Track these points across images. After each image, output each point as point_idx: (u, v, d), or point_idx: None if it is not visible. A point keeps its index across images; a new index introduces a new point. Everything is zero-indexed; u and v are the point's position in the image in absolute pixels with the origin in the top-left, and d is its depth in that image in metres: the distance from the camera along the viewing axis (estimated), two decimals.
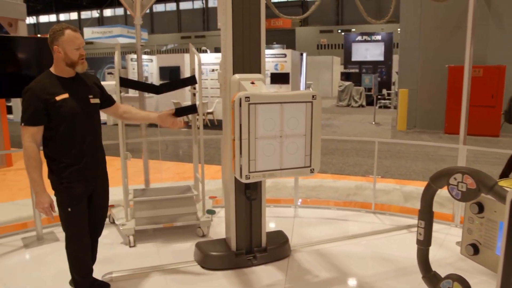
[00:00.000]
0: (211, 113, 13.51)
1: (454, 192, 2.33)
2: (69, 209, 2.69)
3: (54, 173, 2.69)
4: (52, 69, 2.68)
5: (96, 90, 2.84)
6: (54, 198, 2.70)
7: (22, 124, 2.55)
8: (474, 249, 3.06)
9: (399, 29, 14.11)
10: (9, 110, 14.23)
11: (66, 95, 2.61)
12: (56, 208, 2.71)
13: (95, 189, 2.85)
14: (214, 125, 13.32)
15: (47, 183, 2.68)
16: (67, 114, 2.60)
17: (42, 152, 2.69)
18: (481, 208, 2.99)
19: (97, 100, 2.81)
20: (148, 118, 3.23)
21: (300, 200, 5.30)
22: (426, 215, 2.53)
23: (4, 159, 7.64)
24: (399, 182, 6.63)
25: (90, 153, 2.75)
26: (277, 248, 3.70)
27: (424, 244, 2.56)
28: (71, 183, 2.67)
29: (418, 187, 6.23)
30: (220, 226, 4.37)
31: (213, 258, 3.54)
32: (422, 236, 2.54)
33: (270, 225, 4.51)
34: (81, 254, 2.83)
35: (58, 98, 2.58)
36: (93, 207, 2.88)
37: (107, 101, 2.98)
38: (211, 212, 4.33)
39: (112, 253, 3.81)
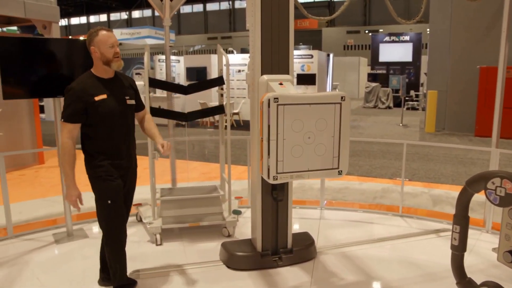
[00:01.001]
0: (237, 113, 13.57)
1: (491, 197, 2.26)
2: (109, 201, 2.77)
3: (92, 167, 2.80)
4: (92, 70, 2.82)
5: (132, 92, 2.96)
6: (85, 194, 2.78)
7: (62, 120, 2.70)
8: None
9: (428, 29, 13.83)
10: (41, 109, 14.67)
11: (104, 96, 2.75)
12: (84, 202, 2.80)
13: (126, 182, 2.96)
14: (240, 125, 13.37)
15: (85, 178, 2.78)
16: (105, 113, 2.74)
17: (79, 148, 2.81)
18: None
19: (133, 102, 2.93)
20: (153, 137, 3.09)
21: (325, 201, 5.26)
22: (462, 220, 2.46)
23: (37, 156, 7.88)
24: (427, 185, 6.50)
25: (125, 150, 2.88)
26: (303, 250, 3.68)
27: (459, 250, 2.50)
28: (109, 176, 2.78)
29: (447, 190, 6.09)
30: (245, 227, 4.38)
31: (239, 258, 3.55)
32: (457, 241, 2.47)
33: (296, 227, 4.49)
34: (120, 248, 2.91)
35: (97, 98, 2.72)
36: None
37: (138, 106, 3.07)
38: (237, 212, 4.35)
39: (139, 251, 3.87)
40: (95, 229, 4.47)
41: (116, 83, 2.86)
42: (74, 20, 54.50)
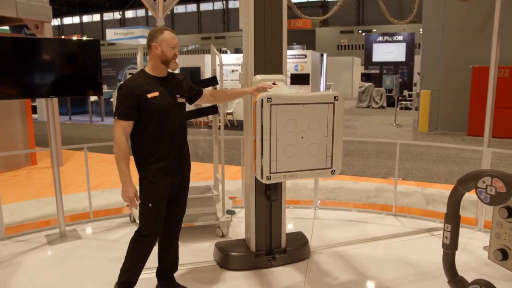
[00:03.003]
0: (231, 113, 13.56)
1: (482, 196, 2.28)
2: (150, 205, 2.76)
3: (139, 168, 2.79)
4: (146, 69, 2.82)
5: (184, 89, 2.94)
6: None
7: (115, 117, 2.68)
8: (502, 254, 2.99)
9: (421, 29, 13.90)
10: (34, 110, 14.58)
11: (156, 93, 2.73)
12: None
13: (176, 185, 2.91)
14: (233, 125, 13.37)
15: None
16: (156, 111, 2.71)
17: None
18: (510, 212, 2.91)
19: (183, 100, 2.91)
20: (239, 94, 3.33)
21: (319, 201, 5.26)
22: (453, 219, 2.48)
23: (29, 157, 7.82)
24: (420, 184, 6.53)
25: (176, 150, 2.83)
26: (297, 250, 3.69)
27: (450, 248, 2.51)
28: (154, 178, 2.76)
29: (440, 189, 6.13)
30: (239, 227, 4.38)
31: (233, 258, 3.54)
32: (449, 240, 2.49)
33: (290, 226, 4.50)
34: (145, 252, 2.89)
35: (149, 95, 2.70)
36: (171, 203, 2.94)
37: (196, 94, 3.08)
38: (230, 212, 4.34)
39: None
40: (88, 230, 4.45)
41: (168, 82, 2.84)
42: (67, 20, 54.18)
